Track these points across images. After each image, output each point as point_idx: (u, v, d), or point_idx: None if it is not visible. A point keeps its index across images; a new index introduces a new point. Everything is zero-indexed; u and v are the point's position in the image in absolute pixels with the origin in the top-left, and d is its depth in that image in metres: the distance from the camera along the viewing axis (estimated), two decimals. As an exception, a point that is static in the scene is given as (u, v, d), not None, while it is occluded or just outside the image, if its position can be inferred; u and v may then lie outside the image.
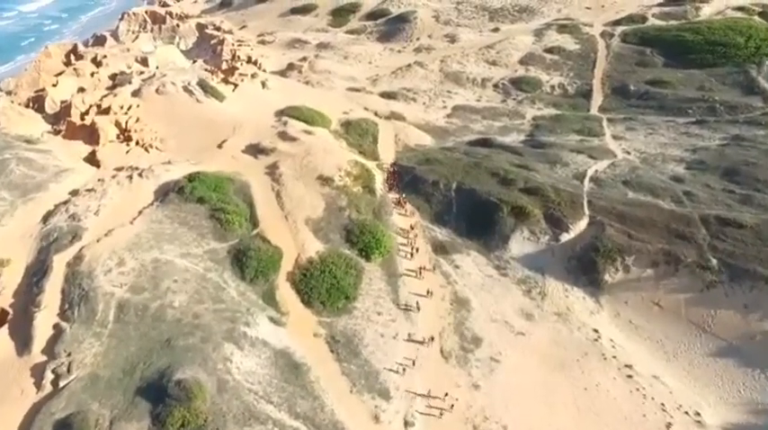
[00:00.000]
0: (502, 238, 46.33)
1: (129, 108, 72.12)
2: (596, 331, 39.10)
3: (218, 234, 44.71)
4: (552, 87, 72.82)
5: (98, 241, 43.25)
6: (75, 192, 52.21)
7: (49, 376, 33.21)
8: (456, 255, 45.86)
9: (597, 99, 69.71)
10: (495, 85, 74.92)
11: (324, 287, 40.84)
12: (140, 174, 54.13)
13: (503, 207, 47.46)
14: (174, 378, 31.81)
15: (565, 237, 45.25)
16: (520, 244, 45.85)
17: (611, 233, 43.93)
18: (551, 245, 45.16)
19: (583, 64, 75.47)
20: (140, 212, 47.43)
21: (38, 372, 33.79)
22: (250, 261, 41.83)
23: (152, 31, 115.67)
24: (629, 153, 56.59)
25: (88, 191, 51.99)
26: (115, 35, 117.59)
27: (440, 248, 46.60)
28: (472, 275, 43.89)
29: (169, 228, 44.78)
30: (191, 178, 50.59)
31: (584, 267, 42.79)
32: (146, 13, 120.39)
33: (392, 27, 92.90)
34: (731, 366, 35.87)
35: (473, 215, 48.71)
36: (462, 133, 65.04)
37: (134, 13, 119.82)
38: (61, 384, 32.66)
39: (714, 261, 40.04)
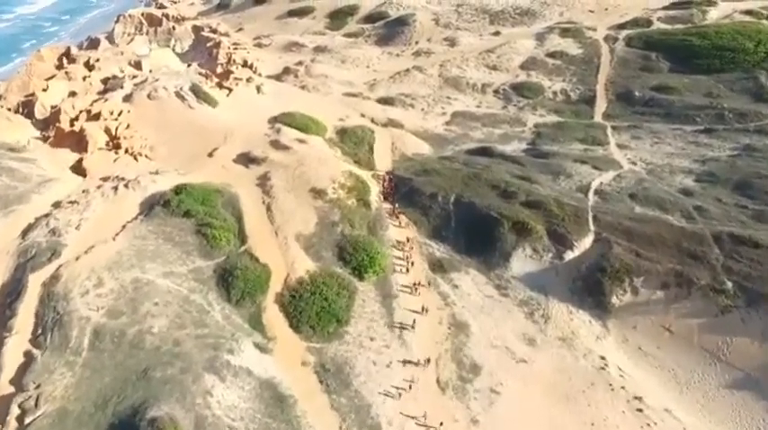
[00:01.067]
0: (503, 256, 43.53)
1: (120, 114, 69.47)
2: (603, 358, 36.30)
3: (204, 251, 42.01)
4: (554, 93, 69.95)
5: (77, 259, 40.51)
6: (57, 205, 49.44)
7: (15, 411, 30.47)
8: (454, 274, 43.05)
9: (601, 105, 66.82)
10: (496, 91, 72.07)
11: (314, 310, 38.06)
12: (126, 185, 51.37)
13: (503, 222, 44.63)
14: (148, 415, 29.07)
15: (569, 256, 42.45)
16: (521, 262, 43.06)
17: (618, 251, 41.11)
18: (555, 263, 42.36)
19: (586, 69, 72.58)
20: (124, 227, 44.68)
21: (4, 406, 31.07)
22: (236, 281, 39.10)
23: (147, 33, 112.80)
24: (634, 163, 53.72)
25: (71, 203, 49.22)
26: (111, 38, 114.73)
27: (437, 266, 43.78)
28: (471, 296, 41.09)
29: (152, 245, 42.06)
30: (177, 190, 47.86)
31: (590, 288, 39.97)
32: (142, 15, 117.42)
33: (391, 30, 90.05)
34: (749, 399, 33.08)
35: (472, 230, 45.89)
36: (461, 141, 62.23)
37: (130, 16, 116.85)
38: (27, 420, 29.93)
39: (729, 284, 37.21)
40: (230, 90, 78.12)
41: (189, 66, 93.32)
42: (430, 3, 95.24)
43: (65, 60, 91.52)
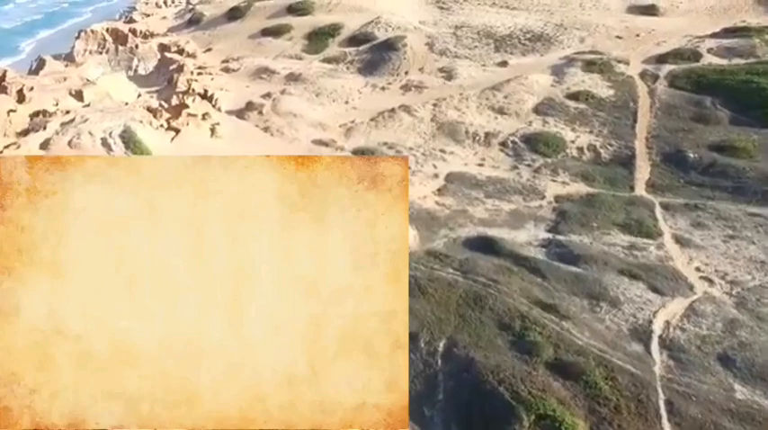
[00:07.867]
0: (520, 475, 24.57)
1: (29, 167, 50.48)
2: None
3: None
4: (579, 150, 50.43)
5: None
6: None
7: None
8: None
9: (642, 170, 47.32)
10: (503, 144, 52.65)
11: None
12: None
13: (521, 413, 25.59)
14: None
15: (633, 489, 23.46)
16: (552, 491, 24.11)
17: (723, 499, 22.03)
18: (610, 504, 23.37)
19: (619, 117, 52.94)
20: None
21: None
22: None
23: (109, 51, 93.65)
24: (710, 281, 34.29)
25: None
26: (71, 56, 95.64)
27: (412, 488, 24.92)
28: None
29: None
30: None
31: None
32: (106, 30, 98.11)
33: (376, 56, 70.62)
34: None
35: (471, 413, 26.94)
36: (458, 222, 42.97)
37: (92, 31, 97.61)
38: None
39: None
40: (177, 132, 59.55)
41: (139, 96, 74.67)
42: (424, 23, 75.50)
43: (-4, 88, 72.96)
